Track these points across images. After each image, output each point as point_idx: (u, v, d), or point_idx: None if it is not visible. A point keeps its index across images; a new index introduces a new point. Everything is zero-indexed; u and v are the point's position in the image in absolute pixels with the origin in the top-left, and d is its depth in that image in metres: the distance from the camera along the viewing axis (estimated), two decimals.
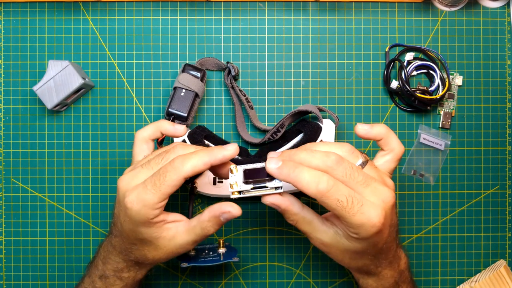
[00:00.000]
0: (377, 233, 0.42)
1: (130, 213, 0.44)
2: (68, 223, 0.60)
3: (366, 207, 0.42)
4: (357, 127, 0.48)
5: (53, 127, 0.60)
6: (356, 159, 0.45)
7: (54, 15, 0.60)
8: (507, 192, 0.62)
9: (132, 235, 0.46)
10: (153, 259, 0.48)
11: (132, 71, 0.60)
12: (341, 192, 0.41)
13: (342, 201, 0.41)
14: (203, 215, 0.46)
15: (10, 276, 0.60)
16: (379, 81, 0.61)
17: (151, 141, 0.51)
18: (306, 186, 0.41)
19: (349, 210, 0.41)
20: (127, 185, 0.45)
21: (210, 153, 0.44)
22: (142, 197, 0.43)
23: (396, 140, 0.48)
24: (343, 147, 0.45)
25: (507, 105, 0.62)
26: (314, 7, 0.61)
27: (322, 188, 0.41)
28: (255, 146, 0.60)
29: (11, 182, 0.60)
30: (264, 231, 0.61)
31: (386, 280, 0.48)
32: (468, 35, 0.61)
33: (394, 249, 0.47)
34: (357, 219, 0.41)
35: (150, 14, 0.60)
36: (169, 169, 0.43)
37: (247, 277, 0.61)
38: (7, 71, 0.60)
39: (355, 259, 0.47)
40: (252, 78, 0.61)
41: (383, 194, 0.43)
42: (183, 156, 0.43)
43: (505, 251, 0.62)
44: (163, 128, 0.51)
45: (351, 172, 0.42)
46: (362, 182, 0.42)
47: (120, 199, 0.45)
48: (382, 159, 0.48)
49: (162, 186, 0.42)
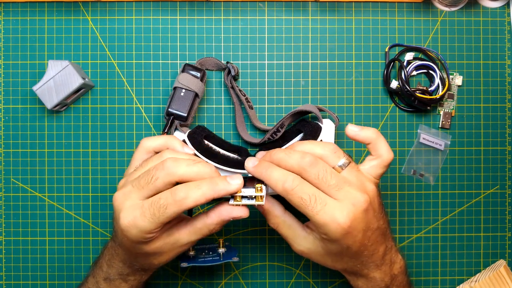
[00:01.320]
0: (344, 234, 0.43)
1: (126, 234, 0.44)
2: (68, 223, 0.60)
3: (329, 207, 0.43)
4: (347, 128, 0.48)
5: (53, 127, 0.60)
6: (337, 160, 0.45)
7: (54, 15, 0.60)
8: (507, 192, 0.62)
9: (133, 250, 0.46)
10: (159, 263, 0.48)
11: (132, 71, 0.60)
12: (304, 191, 0.43)
13: (305, 199, 0.43)
14: (210, 218, 0.46)
15: (10, 276, 0.60)
16: (379, 81, 0.61)
17: (154, 153, 0.49)
18: (274, 184, 0.44)
19: (312, 208, 0.43)
20: (121, 204, 0.44)
21: (214, 188, 0.43)
22: (138, 223, 0.43)
23: (385, 147, 0.48)
24: (326, 146, 0.46)
25: (507, 105, 0.62)
26: (314, 7, 0.61)
27: (287, 186, 0.43)
28: (255, 146, 0.60)
29: (11, 182, 0.60)
30: (264, 231, 0.61)
31: (375, 282, 0.49)
32: (468, 35, 0.61)
33: (381, 253, 0.47)
34: (319, 217, 0.43)
35: (150, 14, 0.60)
36: (170, 201, 0.42)
37: (247, 277, 0.61)
38: (7, 71, 0.60)
39: (337, 261, 0.48)
40: (252, 78, 0.61)
41: (354, 198, 0.44)
42: (186, 190, 0.42)
43: (505, 251, 0.62)
44: (171, 145, 0.48)
45: (323, 175, 0.44)
46: (334, 186, 0.44)
47: (116, 217, 0.45)
48: (369, 163, 0.48)
49: (161, 217, 0.42)
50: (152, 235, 0.44)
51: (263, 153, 0.49)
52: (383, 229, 0.47)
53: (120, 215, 0.44)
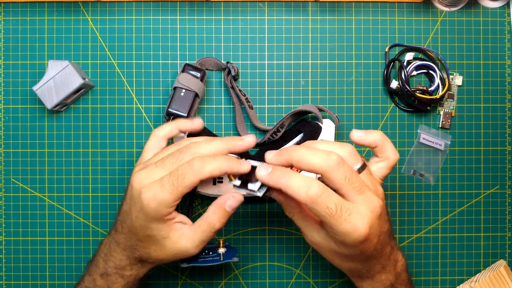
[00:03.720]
0: (363, 242, 0.42)
1: (145, 209, 0.44)
2: (68, 223, 0.60)
3: (354, 216, 0.41)
4: (352, 134, 0.47)
5: (53, 127, 0.60)
6: (356, 163, 0.44)
7: (54, 15, 0.60)
8: (507, 192, 0.62)
9: (141, 232, 0.46)
10: (156, 258, 0.48)
11: (132, 71, 0.60)
12: (331, 199, 0.41)
13: (332, 208, 0.40)
14: (208, 211, 0.47)
15: (10, 276, 0.60)
16: (379, 81, 0.61)
17: (165, 139, 0.51)
18: (296, 191, 0.40)
19: (338, 218, 0.41)
20: (142, 181, 0.45)
21: (228, 163, 0.44)
22: (159, 195, 0.44)
23: (391, 148, 0.47)
24: (345, 148, 0.44)
25: (507, 105, 0.62)
26: (314, 7, 0.61)
27: (312, 193, 0.40)
28: (255, 146, 0.60)
29: (11, 182, 0.60)
30: (264, 231, 0.61)
31: (381, 283, 0.48)
32: (468, 35, 0.61)
33: (388, 254, 0.47)
34: (344, 227, 0.41)
35: (150, 14, 0.60)
36: (188, 171, 0.43)
37: (247, 277, 0.61)
38: (7, 71, 0.60)
39: (345, 261, 0.47)
40: (252, 78, 0.61)
41: (372, 203, 0.43)
42: (202, 159, 0.44)
43: (505, 251, 0.62)
44: (181, 125, 0.52)
45: (350, 175, 0.42)
46: (358, 188, 0.42)
47: (134, 195, 0.46)
48: (376, 165, 0.48)
49: (179, 187, 0.43)
50: (169, 209, 0.45)
51: (274, 152, 0.45)
52: (390, 230, 0.47)
53: (141, 191, 0.44)
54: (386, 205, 0.47)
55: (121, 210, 0.49)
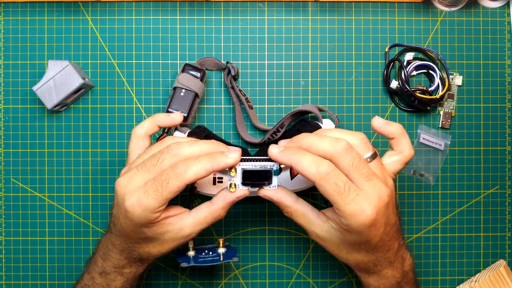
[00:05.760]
0: (369, 227, 0.43)
1: (130, 216, 0.44)
2: (68, 223, 0.60)
3: (361, 197, 0.42)
4: (374, 120, 0.48)
5: (53, 127, 0.60)
6: (367, 151, 0.45)
7: (54, 15, 0.60)
8: (507, 192, 0.62)
9: (134, 236, 0.46)
10: (158, 253, 0.48)
11: (132, 71, 0.60)
12: (340, 177, 0.42)
13: (340, 186, 0.41)
14: (215, 204, 0.46)
15: (10, 276, 0.60)
16: (379, 81, 0.61)
17: (148, 137, 0.50)
18: (307, 168, 0.41)
19: (345, 197, 0.41)
20: (125, 187, 0.44)
21: (212, 161, 0.43)
22: (143, 202, 0.43)
23: (408, 143, 0.48)
24: (356, 136, 0.45)
25: (507, 105, 0.62)
26: (314, 7, 0.61)
27: (322, 170, 0.41)
28: (255, 146, 0.60)
29: (11, 182, 0.60)
30: (264, 231, 0.61)
31: (387, 279, 0.48)
32: (468, 35, 0.61)
33: (395, 249, 0.47)
34: (350, 208, 0.42)
35: (150, 14, 0.60)
36: (172, 175, 0.42)
37: (247, 277, 0.61)
38: (7, 71, 0.60)
39: (351, 253, 0.47)
40: (252, 78, 0.61)
41: (380, 191, 0.43)
42: (186, 163, 0.43)
43: (505, 251, 0.62)
44: (159, 121, 0.51)
45: (358, 162, 0.42)
46: (365, 175, 0.43)
47: (119, 202, 0.45)
48: (390, 158, 0.48)
49: (164, 192, 0.42)
50: (156, 214, 0.44)
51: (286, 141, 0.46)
52: (398, 225, 0.47)
53: (124, 197, 0.44)
54: (395, 198, 0.47)
55: (112, 214, 0.48)
